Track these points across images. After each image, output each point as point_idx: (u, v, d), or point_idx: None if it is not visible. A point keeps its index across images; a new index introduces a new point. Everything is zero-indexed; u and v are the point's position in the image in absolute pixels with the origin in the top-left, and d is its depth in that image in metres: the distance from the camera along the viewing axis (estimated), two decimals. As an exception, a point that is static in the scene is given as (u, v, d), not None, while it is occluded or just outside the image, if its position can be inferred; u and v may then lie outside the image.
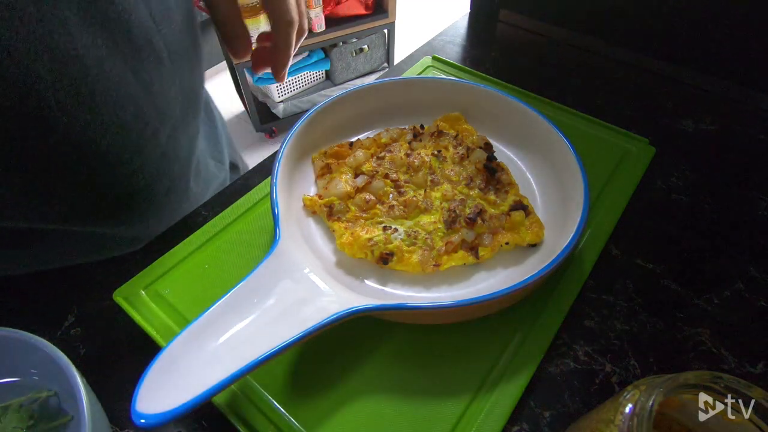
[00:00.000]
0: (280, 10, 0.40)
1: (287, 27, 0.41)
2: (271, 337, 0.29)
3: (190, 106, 0.43)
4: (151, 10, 0.34)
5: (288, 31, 0.41)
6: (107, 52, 0.31)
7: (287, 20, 0.40)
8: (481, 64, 0.65)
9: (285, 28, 0.41)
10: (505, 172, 0.45)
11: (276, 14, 0.40)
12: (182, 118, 0.41)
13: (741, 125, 0.56)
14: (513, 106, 0.48)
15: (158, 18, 0.34)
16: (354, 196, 0.43)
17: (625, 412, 0.23)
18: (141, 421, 0.25)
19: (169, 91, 0.38)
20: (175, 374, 0.27)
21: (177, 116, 0.40)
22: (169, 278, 0.40)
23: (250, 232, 0.44)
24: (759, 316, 0.39)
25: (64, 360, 0.28)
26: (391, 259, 0.39)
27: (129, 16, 0.32)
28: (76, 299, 0.41)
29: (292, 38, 0.42)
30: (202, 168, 0.51)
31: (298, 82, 1.96)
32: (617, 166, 0.49)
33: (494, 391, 0.34)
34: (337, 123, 0.49)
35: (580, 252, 0.42)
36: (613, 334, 0.38)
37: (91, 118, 0.32)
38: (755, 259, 0.43)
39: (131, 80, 0.33)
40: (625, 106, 0.58)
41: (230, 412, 0.33)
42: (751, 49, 0.56)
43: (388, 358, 0.36)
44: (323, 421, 0.33)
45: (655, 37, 0.61)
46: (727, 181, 0.50)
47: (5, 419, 0.30)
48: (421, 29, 2.62)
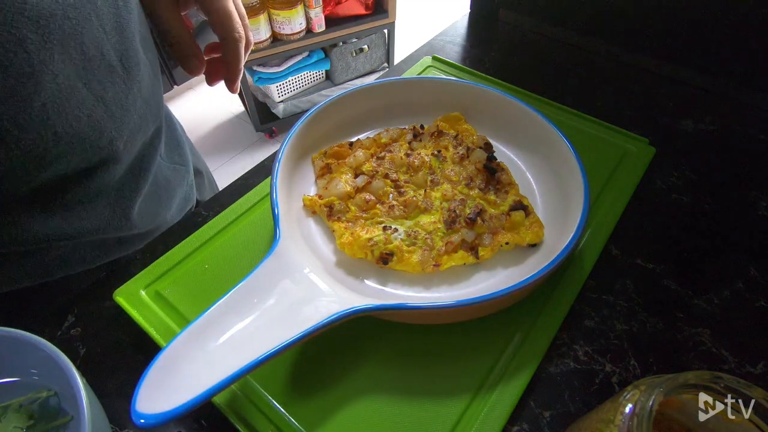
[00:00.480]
0: (227, 27, 0.42)
1: (235, 43, 0.43)
2: (271, 337, 0.29)
3: (148, 112, 0.43)
4: (101, 21, 0.34)
5: (236, 46, 0.43)
6: (62, 67, 0.32)
7: (234, 37, 0.42)
8: (481, 64, 0.65)
9: (233, 44, 0.43)
10: (505, 172, 0.45)
11: (223, 32, 0.42)
12: (140, 126, 0.42)
13: (741, 125, 0.56)
14: (513, 106, 0.48)
15: (108, 28, 0.35)
16: (354, 196, 0.43)
17: (625, 412, 0.23)
18: (141, 421, 0.25)
19: (124, 99, 0.38)
20: (175, 374, 0.27)
21: (135, 123, 0.41)
22: (169, 278, 0.40)
23: (250, 232, 0.44)
24: (759, 316, 0.39)
25: (64, 360, 0.28)
26: (391, 259, 0.39)
27: (82, 28, 0.32)
28: (76, 299, 0.41)
29: (240, 52, 0.44)
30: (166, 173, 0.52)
31: (298, 82, 1.96)
32: (617, 166, 0.49)
33: (494, 391, 0.34)
34: (337, 123, 0.49)
35: (580, 252, 0.42)
36: (613, 334, 0.38)
37: (44, 130, 0.32)
38: (755, 259, 0.43)
39: (83, 91, 0.34)
40: (625, 106, 0.58)
41: (230, 412, 0.33)
42: (751, 49, 0.56)
43: (388, 358, 0.36)
44: (323, 421, 0.33)
45: (655, 37, 0.61)
46: (727, 181, 0.50)
47: (5, 419, 0.30)
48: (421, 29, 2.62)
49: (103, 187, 0.41)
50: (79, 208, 0.40)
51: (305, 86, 2.00)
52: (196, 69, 0.44)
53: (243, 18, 0.44)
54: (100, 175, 0.40)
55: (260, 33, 1.64)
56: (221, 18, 0.42)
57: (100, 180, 0.40)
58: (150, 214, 0.49)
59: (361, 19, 1.84)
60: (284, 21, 1.65)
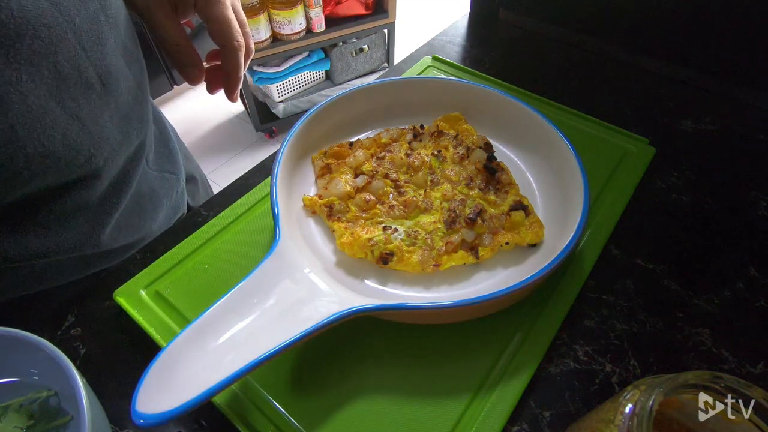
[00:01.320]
0: (227, 35, 0.42)
1: (234, 51, 0.43)
2: (271, 337, 0.29)
3: (130, 127, 0.41)
4: (80, 38, 0.33)
5: (236, 54, 0.43)
6: (32, 86, 0.30)
7: (233, 45, 0.42)
8: (481, 64, 0.65)
9: (233, 53, 0.43)
10: (505, 172, 0.45)
11: (222, 40, 0.42)
12: (122, 142, 0.40)
13: (741, 125, 0.56)
14: (513, 106, 0.48)
15: (88, 44, 0.34)
16: (354, 196, 0.43)
17: (625, 412, 0.23)
18: (141, 421, 0.25)
19: (101, 116, 0.37)
20: (175, 374, 0.27)
21: (115, 139, 0.39)
22: (169, 278, 0.40)
23: (250, 232, 0.44)
24: (759, 316, 0.39)
25: (64, 360, 0.28)
26: (391, 259, 0.39)
27: (56, 48, 0.31)
28: (76, 299, 0.41)
29: (240, 61, 0.43)
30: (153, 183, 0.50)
31: (298, 82, 1.96)
32: (617, 166, 0.49)
33: (494, 391, 0.34)
34: (337, 123, 0.49)
35: (580, 252, 0.42)
36: (613, 334, 0.38)
37: (13, 151, 0.31)
38: (755, 259, 0.43)
39: (56, 110, 0.32)
40: (625, 106, 0.58)
41: (230, 412, 0.33)
42: (751, 49, 0.56)
43: (388, 358, 0.36)
44: (323, 421, 0.33)
45: (655, 37, 0.61)
46: (727, 181, 0.50)
47: (5, 419, 0.30)
48: (421, 29, 2.62)
49: (82, 203, 0.39)
50: (55, 226, 0.38)
51: (305, 86, 2.00)
52: (195, 78, 0.43)
53: (243, 25, 0.44)
54: (78, 192, 0.38)
55: (260, 33, 1.64)
56: (220, 25, 0.41)
57: (78, 197, 0.38)
58: (132, 226, 0.47)
59: (361, 19, 1.84)
60: (284, 21, 1.65)
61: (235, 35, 0.42)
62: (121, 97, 0.39)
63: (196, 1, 0.41)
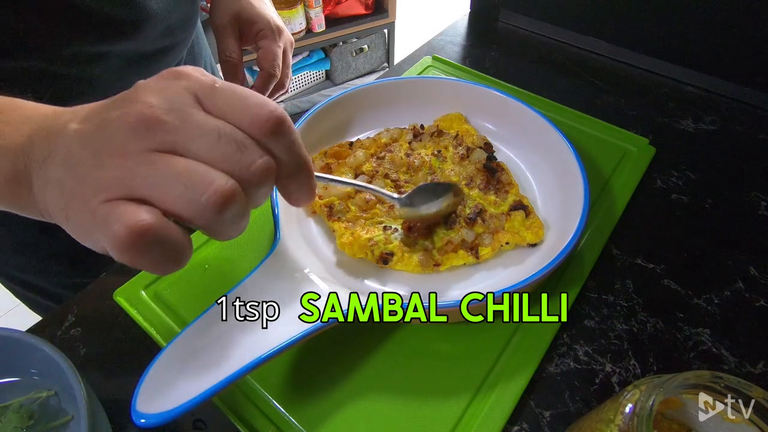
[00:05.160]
0: (268, 63, 0.50)
1: (267, 77, 0.50)
2: (272, 336, 0.29)
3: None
4: None
5: (267, 80, 0.50)
6: None
7: (269, 72, 0.50)
8: (481, 64, 0.65)
9: (265, 77, 0.50)
10: (505, 172, 0.45)
11: (263, 64, 0.50)
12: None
13: (741, 125, 0.56)
14: (513, 106, 0.48)
15: None
16: (354, 196, 0.43)
17: (625, 412, 0.23)
18: (141, 421, 0.25)
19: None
20: (175, 374, 0.27)
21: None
22: (169, 278, 0.40)
23: (250, 232, 0.44)
24: (759, 316, 0.39)
25: (64, 360, 0.28)
26: (391, 259, 0.39)
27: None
28: (76, 299, 0.41)
29: (268, 87, 0.50)
30: None
31: (298, 82, 1.96)
32: (617, 166, 0.49)
33: (494, 391, 0.34)
34: (337, 123, 0.49)
35: (580, 252, 0.42)
36: (613, 334, 0.38)
37: (145, 17, 0.43)
38: (755, 259, 0.43)
39: None
40: (625, 106, 0.58)
41: (230, 412, 0.33)
42: (751, 49, 0.56)
43: (388, 358, 0.36)
44: (323, 421, 0.33)
45: (655, 37, 0.61)
46: (727, 181, 0.50)
47: (5, 419, 0.30)
48: (421, 29, 2.61)
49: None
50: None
51: (305, 86, 2.00)
52: None
53: (286, 67, 0.52)
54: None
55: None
56: (266, 53, 0.50)
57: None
58: None
59: (361, 19, 1.84)
60: (284, 21, 1.64)
61: (275, 66, 0.50)
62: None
63: (257, 33, 0.51)
